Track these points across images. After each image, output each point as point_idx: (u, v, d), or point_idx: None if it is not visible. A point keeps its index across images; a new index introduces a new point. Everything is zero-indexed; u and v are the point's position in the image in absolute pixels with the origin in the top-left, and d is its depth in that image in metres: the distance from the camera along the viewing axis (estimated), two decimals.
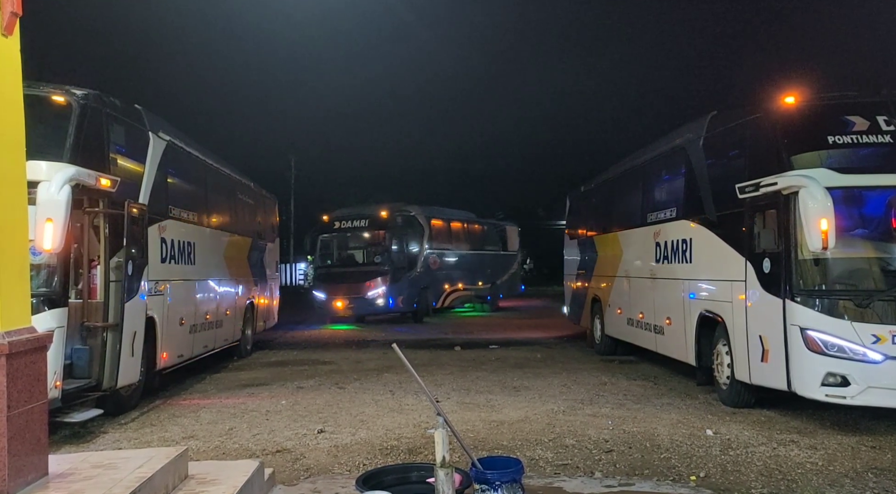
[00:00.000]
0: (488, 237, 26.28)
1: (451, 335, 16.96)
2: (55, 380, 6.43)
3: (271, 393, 9.41)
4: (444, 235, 23.04)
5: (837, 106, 7.40)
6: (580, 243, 14.95)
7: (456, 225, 24.27)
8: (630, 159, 12.52)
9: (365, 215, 20.53)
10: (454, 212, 24.91)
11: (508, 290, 27.19)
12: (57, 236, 6.29)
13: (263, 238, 15.42)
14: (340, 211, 21.45)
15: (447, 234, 23.31)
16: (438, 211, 23.67)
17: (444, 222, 23.29)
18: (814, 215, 6.52)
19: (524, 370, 11.02)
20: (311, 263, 42.51)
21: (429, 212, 22.28)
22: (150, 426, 7.57)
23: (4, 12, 3.84)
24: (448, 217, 23.88)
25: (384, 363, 11.89)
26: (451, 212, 24.70)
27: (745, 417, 7.56)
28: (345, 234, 20.73)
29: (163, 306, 9.12)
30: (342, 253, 21.00)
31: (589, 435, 6.80)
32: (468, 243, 24.71)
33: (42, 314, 6.43)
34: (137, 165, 8.63)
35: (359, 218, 20.52)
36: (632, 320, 11.42)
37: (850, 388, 6.54)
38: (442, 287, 22.56)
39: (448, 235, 23.36)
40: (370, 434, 7.03)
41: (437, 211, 23.46)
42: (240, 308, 13.19)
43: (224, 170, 12.78)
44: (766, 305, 7.21)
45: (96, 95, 7.67)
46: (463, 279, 23.61)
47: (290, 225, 42.44)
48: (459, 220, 24.70)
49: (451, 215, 24.32)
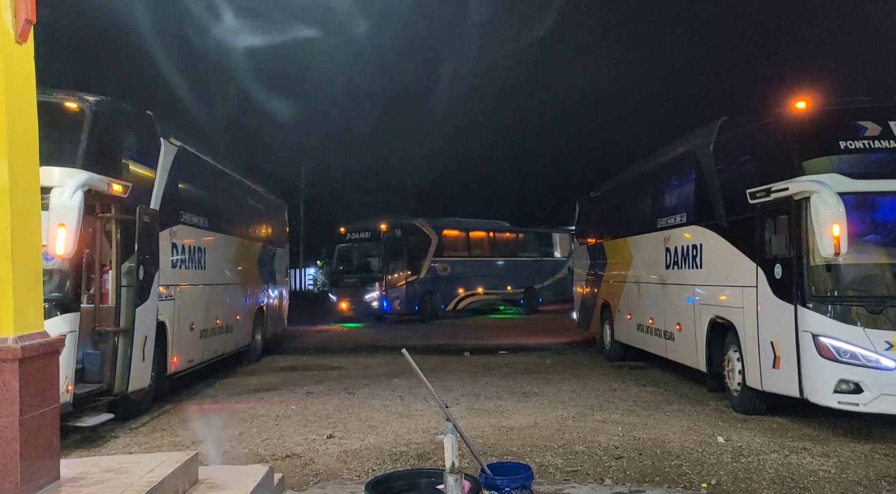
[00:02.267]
0: (525, 245, 27.39)
1: (460, 340, 16.95)
2: (67, 384, 6.48)
3: (281, 398, 9.43)
4: (459, 244, 24.85)
5: (849, 111, 7.36)
6: (589, 248, 14.91)
7: (477, 234, 25.87)
8: (640, 165, 12.50)
9: (368, 227, 23.03)
10: (477, 222, 26.48)
11: (555, 294, 27.75)
12: (69, 241, 6.33)
13: (273, 244, 15.47)
14: (353, 224, 23.88)
15: (464, 243, 25.13)
16: (454, 222, 25.55)
17: (460, 232, 25.18)
18: (826, 220, 6.48)
19: (533, 376, 11.00)
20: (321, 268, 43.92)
21: (439, 223, 24.30)
22: (160, 431, 7.60)
23: (19, 20, 3.88)
24: (467, 227, 25.62)
25: (393, 368, 11.89)
26: (473, 222, 26.31)
27: (756, 424, 7.50)
28: (353, 244, 23.25)
29: (173, 310, 9.16)
30: (349, 261, 23.35)
31: (599, 442, 6.77)
32: (494, 250, 26.21)
33: (54, 318, 6.48)
34: (149, 170, 8.68)
35: (363, 230, 23.08)
36: (642, 325, 11.37)
37: (863, 395, 6.49)
38: (454, 292, 23.94)
39: (466, 244, 25.15)
40: (379, 439, 7.02)
41: (452, 222, 25.36)
42: (250, 313, 13.23)
43: (235, 175, 12.84)
44: (778, 311, 7.16)
45: (109, 101, 7.74)
46: (484, 284, 24.86)
47: (301, 231, 42.56)
48: (483, 229, 26.28)
49: (472, 225, 25.99)
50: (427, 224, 23.64)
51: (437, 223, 24.17)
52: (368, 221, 23.62)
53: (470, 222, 26.18)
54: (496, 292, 25.38)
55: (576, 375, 11.13)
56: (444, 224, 24.61)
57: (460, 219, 26.30)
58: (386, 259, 22.14)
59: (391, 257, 22.23)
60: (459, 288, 24.08)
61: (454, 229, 24.94)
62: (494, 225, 26.88)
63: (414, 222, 23.52)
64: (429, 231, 23.42)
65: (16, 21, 3.86)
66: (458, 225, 25.44)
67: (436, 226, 23.86)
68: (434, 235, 23.48)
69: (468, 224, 25.91)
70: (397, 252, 22.38)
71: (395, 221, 23.16)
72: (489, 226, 26.62)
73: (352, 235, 23.31)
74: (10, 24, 3.83)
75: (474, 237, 25.60)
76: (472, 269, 24.69)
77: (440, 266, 23.39)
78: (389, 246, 22.28)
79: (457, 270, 23.98)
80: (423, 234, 23.29)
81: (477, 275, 24.70)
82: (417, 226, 23.37)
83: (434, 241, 23.36)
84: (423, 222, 23.69)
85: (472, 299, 24.64)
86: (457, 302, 24.10)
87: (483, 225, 26.49)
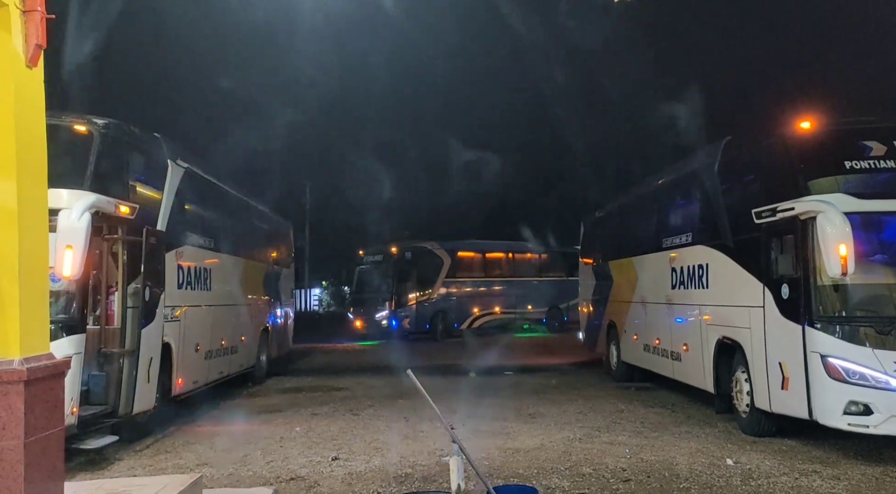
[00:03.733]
0: (548, 265, 27.61)
1: (467, 360, 16.86)
2: (72, 407, 6.45)
3: (286, 420, 9.38)
4: (475, 265, 25.90)
5: (854, 131, 7.38)
6: (595, 268, 14.88)
7: (495, 255, 26.75)
8: (645, 185, 12.51)
9: (381, 250, 24.49)
10: (496, 243, 27.37)
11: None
12: (76, 263, 6.35)
13: (279, 264, 15.49)
14: (369, 247, 25.35)
15: (480, 264, 26.09)
16: (470, 244, 26.51)
17: (476, 253, 26.16)
18: (832, 240, 6.46)
19: (539, 397, 10.92)
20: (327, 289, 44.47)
21: (454, 245, 25.34)
22: (164, 453, 7.56)
23: (29, 44, 3.93)
24: (483, 249, 26.50)
25: (398, 389, 11.82)
26: (491, 243, 27.18)
27: (765, 446, 7.42)
28: (367, 266, 24.64)
29: (179, 332, 9.15)
30: (364, 282, 24.72)
31: (606, 464, 6.70)
32: (513, 270, 26.79)
33: (60, 340, 6.48)
34: (156, 192, 8.72)
35: (377, 253, 24.52)
36: (648, 346, 11.31)
37: (874, 417, 6.42)
38: (469, 311, 24.90)
39: (482, 264, 26.11)
40: (384, 461, 6.97)
41: (467, 244, 26.35)
42: (255, 334, 13.21)
43: (240, 196, 12.90)
44: (786, 331, 7.11)
45: (117, 124, 7.80)
46: (502, 304, 25.65)
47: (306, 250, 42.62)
48: (502, 250, 27.13)
49: (489, 247, 26.86)
50: (440, 247, 24.78)
51: (452, 246, 25.24)
52: (383, 244, 24.95)
53: (488, 244, 27.04)
54: (515, 312, 25.91)
55: (582, 396, 11.05)
56: (459, 246, 25.69)
57: (476, 241, 27.20)
58: (395, 280, 23.25)
59: (400, 279, 23.35)
60: (474, 308, 25.00)
61: (469, 251, 26.05)
62: (515, 246, 27.54)
63: (425, 245, 24.72)
64: (441, 253, 24.57)
65: (26, 45, 3.90)
66: (474, 247, 26.44)
67: (449, 248, 24.95)
68: (447, 257, 24.58)
69: (485, 246, 26.79)
70: (406, 274, 23.50)
71: (406, 244, 24.54)
72: (509, 247, 27.39)
73: (367, 257, 24.86)
74: (20, 49, 3.87)
75: (491, 258, 26.58)
76: (489, 289, 25.64)
77: (454, 287, 24.60)
78: (399, 268, 23.41)
79: (471, 290, 25.07)
80: (435, 256, 24.46)
81: (494, 295, 25.62)
82: (429, 248, 24.58)
83: (447, 262, 24.49)
84: (436, 245, 24.83)
85: (489, 318, 25.41)
86: (471, 321, 24.92)
87: (502, 246, 27.34)
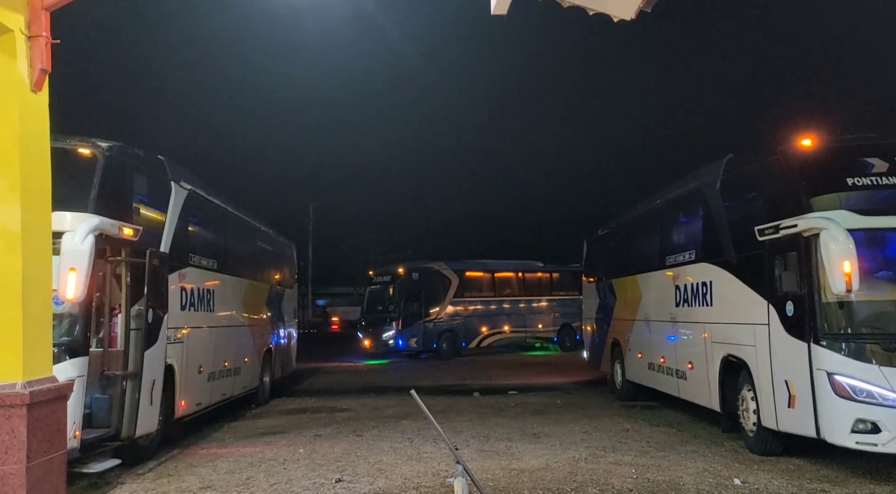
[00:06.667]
0: (560, 284, 27.65)
1: (469, 380, 16.80)
2: (74, 430, 6.41)
3: (289, 441, 9.32)
4: (483, 284, 26.08)
5: (856, 148, 7.39)
6: (598, 286, 14.85)
7: (504, 275, 26.85)
8: (647, 203, 12.52)
9: (389, 271, 25.41)
10: (506, 263, 27.70)
11: None
12: (80, 285, 6.34)
13: (282, 285, 15.48)
14: (380, 268, 26.57)
15: (489, 283, 26.24)
16: (479, 264, 27.02)
17: (485, 273, 26.39)
18: (836, 257, 6.45)
19: (544, 417, 10.85)
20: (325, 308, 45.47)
21: (462, 265, 25.81)
22: (167, 476, 7.50)
23: (34, 69, 3.97)
24: (492, 269, 26.72)
25: (402, 409, 11.77)
26: (501, 263, 27.51)
27: (773, 465, 7.35)
28: (377, 287, 25.31)
29: (182, 353, 9.13)
30: (373, 302, 25.33)
31: (612, 484, 6.64)
32: (523, 290, 26.89)
33: (63, 363, 6.44)
34: (159, 214, 8.75)
35: (386, 274, 25.33)
36: (653, 364, 11.25)
37: (882, 435, 6.36)
38: (477, 330, 25.08)
39: (491, 284, 26.25)
40: (388, 483, 6.92)
41: (476, 264, 26.89)
42: (258, 355, 13.17)
43: (244, 217, 12.93)
44: (791, 349, 7.08)
45: (120, 146, 7.85)
46: (511, 323, 25.84)
47: (309, 270, 42.72)
48: (512, 270, 27.28)
49: (499, 267, 27.06)
50: (447, 267, 25.16)
51: (460, 266, 25.71)
52: (392, 265, 26.04)
53: (497, 264, 27.35)
54: (525, 331, 26.17)
55: (587, 415, 10.98)
56: (467, 266, 26.18)
57: (486, 261, 27.78)
58: (402, 300, 23.78)
59: (406, 299, 23.83)
60: (483, 327, 25.20)
61: (477, 271, 26.40)
62: (525, 266, 27.96)
63: (432, 266, 25.23)
64: (448, 274, 24.92)
65: (31, 70, 3.95)
66: (483, 267, 26.81)
67: (457, 268, 25.34)
68: (454, 277, 24.90)
69: (494, 266, 27.07)
70: (413, 294, 23.91)
71: (413, 265, 25.30)
72: (519, 267, 27.70)
73: (377, 278, 25.69)
74: (25, 74, 3.92)
75: (500, 278, 26.71)
76: (497, 308, 25.79)
77: (461, 307, 24.83)
78: (405, 288, 23.92)
79: (479, 309, 25.29)
80: (442, 276, 24.81)
81: (502, 314, 25.73)
82: (436, 269, 25.00)
83: (454, 283, 24.79)
84: (443, 265, 25.24)
85: (498, 337, 25.55)
86: (480, 340, 25.11)
87: (512, 266, 27.61)
